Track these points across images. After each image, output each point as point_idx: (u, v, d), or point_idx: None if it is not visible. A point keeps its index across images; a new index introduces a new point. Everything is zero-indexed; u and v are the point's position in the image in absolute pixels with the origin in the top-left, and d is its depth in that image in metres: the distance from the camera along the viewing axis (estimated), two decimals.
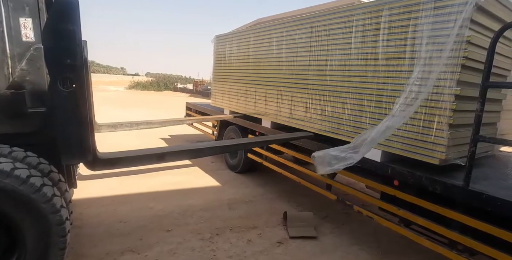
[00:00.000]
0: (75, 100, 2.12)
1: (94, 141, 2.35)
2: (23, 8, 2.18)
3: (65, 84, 2.07)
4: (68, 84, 2.08)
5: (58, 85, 2.06)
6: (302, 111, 3.77)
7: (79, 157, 2.27)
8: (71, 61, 2.05)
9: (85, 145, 2.23)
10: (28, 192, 2.00)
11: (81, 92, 2.13)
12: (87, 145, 2.24)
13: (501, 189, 2.17)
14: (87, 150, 2.25)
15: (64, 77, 2.06)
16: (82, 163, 2.43)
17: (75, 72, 2.08)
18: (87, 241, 3.01)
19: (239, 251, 3.01)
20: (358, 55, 2.99)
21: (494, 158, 3.22)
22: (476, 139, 2.05)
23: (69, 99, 2.11)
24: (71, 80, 2.08)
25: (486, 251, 2.10)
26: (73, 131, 2.16)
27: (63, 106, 2.11)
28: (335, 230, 3.58)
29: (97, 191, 4.24)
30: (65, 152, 2.19)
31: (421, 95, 2.30)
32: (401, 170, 2.60)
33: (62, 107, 2.11)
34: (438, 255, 2.46)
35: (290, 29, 3.89)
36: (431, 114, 2.42)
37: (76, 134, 2.18)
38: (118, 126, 4.20)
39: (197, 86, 33.34)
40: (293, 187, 4.81)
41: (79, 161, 2.40)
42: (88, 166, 2.42)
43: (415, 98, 2.33)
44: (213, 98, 6.25)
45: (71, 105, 2.12)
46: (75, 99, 2.12)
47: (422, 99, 2.32)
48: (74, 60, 2.06)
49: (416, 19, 2.49)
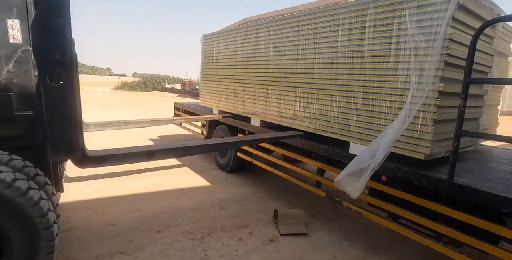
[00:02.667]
0: (63, 95, 2.09)
1: (82, 138, 2.32)
2: (11, 9, 2.12)
3: (54, 79, 2.03)
4: (57, 79, 2.05)
5: (47, 80, 2.02)
6: (291, 110, 3.79)
7: (67, 153, 2.24)
8: (60, 56, 2.02)
9: (73, 141, 2.20)
10: (14, 196, 1.94)
11: (69, 88, 2.10)
12: (75, 142, 2.21)
13: (484, 182, 2.24)
14: (76, 147, 2.22)
15: (52, 72, 2.03)
16: (70, 161, 2.40)
17: (64, 68, 2.06)
18: (76, 244, 2.96)
19: (231, 250, 3.01)
20: (345, 53, 3.03)
21: (476, 152, 3.31)
22: (459, 134, 2.11)
23: (58, 95, 2.08)
24: (59, 75, 2.05)
25: (469, 241, 2.17)
26: (61, 127, 2.13)
27: (51, 101, 2.08)
28: (325, 226, 3.62)
29: (85, 194, 4.17)
30: (53, 148, 2.16)
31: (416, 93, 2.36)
32: (388, 166, 2.65)
33: (50, 102, 2.08)
34: (426, 248, 2.52)
35: (277, 28, 3.91)
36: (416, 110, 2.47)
37: (65, 130, 2.15)
38: (106, 125, 4.14)
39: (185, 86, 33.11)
40: (283, 186, 4.84)
41: (68, 157, 2.36)
42: (77, 163, 2.38)
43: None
44: (202, 98, 6.22)
45: (59, 101, 2.09)
46: (64, 94, 2.09)
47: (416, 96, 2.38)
48: (63, 56, 2.03)
49: (400, 17, 2.54)
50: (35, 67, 2.18)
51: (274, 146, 4.19)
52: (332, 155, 3.21)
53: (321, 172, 3.57)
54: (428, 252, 2.72)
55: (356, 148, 2.96)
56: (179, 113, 7.21)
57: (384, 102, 2.71)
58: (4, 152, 2.16)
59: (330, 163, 3.34)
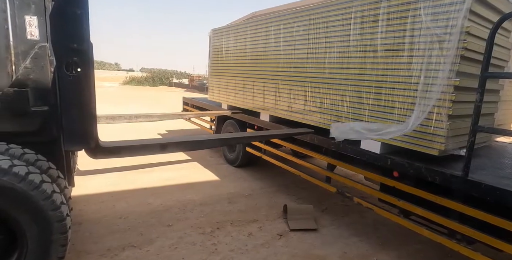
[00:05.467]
0: (79, 85, 2.11)
1: (96, 129, 2.33)
2: (29, 6, 2.16)
3: (70, 68, 2.05)
4: (73, 68, 2.06)
5: (63, 69, 2.04)
6: (301, 104, 3.76)
7: (81, 143, 2.26)
8: (77, 45, 2.03)
9: (88, 131, 2.22)
10: (27, 189, 1.98)
11: (85, 77, 2.11)
12: (90, 132, 2.23)
13: (500, 179, 2.20)
14: (90, 137, 2.24)
15: (69, 61, 2.04)
16: (84, 151, 2.41)
17: (81, 57, 2.07)
18: (88, 237, 3.01)
19: (240, 244, 3.03)
20: (357, 47, 2.98)
21: (490, 148, 3.25)
22: (475, 130, 2.06)
23: (74, 84, 2.09)
24: (76, 64, 2.06)
25: (483, 239, 2.14)
26: (76, 117, 2.15)
27: (67, 91, 2.10)
28: (335, 222, 3.61)
29: (96, 187, 4.22)
30: (68, 137, 2.18)
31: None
32: (400, 162, 2.61)
33: (66, 91, 2.10)
34: (437, 245, 2.50)
35: (288, 21, 3.86)
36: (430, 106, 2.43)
37: (79, 119, 2.16)
38: (116, 118, 4.19)
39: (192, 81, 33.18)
40: (292, 180, 4.83)
41: (82, 147, 2.37)
42: (90, 153, 2.40)
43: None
44: (210, 93, 6.21)
45: (75, 91, 2.11)
46: (80, 84, 2.11)
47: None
48: (80, 45, 2.04)
49: (415, 10, 2.48)
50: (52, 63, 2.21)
51: (283, 141, 4.18)
52: (343, 150, 3.19)
53: (331, 167, 3.54)
54: (439, 248, 2.70)
55: (368, 143, 2.93)
56: (187, 108, 7.23)
57: (397, 97, 2.66)
58: (17, 146, 2.19)
59: (341, 158, 3.32)
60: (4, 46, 2.19)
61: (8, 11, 2.17)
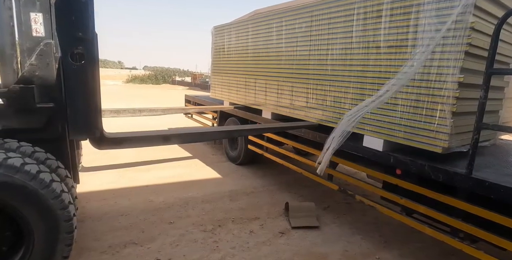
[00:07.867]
0: (84, 74, 2.11)
1: (101, 119, 2.34)
2: (34, 3, 2.16)
3: (76, 58, 2.05)
4: (78, 58, 2.06)
5: (69, 59, 2.04)
6: (303, 102, 3.74)
7: (86, 131, 2.28)
8: (82, 34, 2.03)
9: (92, 120, 2.24)
10: (38, 188, 1.97)
11: (91, 67, 2.12)
12: (94, 121, 2.25)
13: (504, 176, 2.17)
14: (95, 126, 2.25)
15: (74, 50, 2.04)
16: (89, 141, 2.43)
17: (86, 46, 2.07)
18: (90, 234, 3.01)
19: (242, 242, 3.02)
20: (360, 43, 2.95)
21: (494, 146, 3.21)
22: (479, 127, 2.03)
23: (79, 73, 2.10)
24: (81, 54, 2.07)
25: (487, 237, 2.11)
26: (82, 106, 2.16)
27: (72, 80, 2.10)
28: (337, 220, 3.59)
29: (97, 185, 4.23)
30: (73, 126, 2.19)
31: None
32: (403, 159, 2.59)
33: (71, 81, 2.11)
34: (439, 243, 2.47)
35: (289, 18, 3.83)
36: (434, 102, 2.40)
37: (84, 109, 2.18)
38: (121, 112, 4.22)
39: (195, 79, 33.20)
40: (294, 178, 4.82)
41: (87, 136, 2.39)
42: (95, 143, 2.41)
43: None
44: (213, 90, 6.20)
45: (80, 80, 2.11)
46: (85, 73, 2.11)
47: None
48: (85, 34, 2.05)
49: (419, 5, 2.44)
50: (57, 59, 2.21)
51: (285, 139, 4.16)
52: (346, 148, 3.16)
53: (334, 165, 3.52)
54: (441, 246, 2.68)
55: (371, 141, 2.90)
56: (189, 106, 7.22)
57: (400, 94, 2.63)
58: (27, 144, 2.19)
59: (343, 156, 3.29)
60: (10, 43, 2.21)
61: (13, 8, 2.19)
